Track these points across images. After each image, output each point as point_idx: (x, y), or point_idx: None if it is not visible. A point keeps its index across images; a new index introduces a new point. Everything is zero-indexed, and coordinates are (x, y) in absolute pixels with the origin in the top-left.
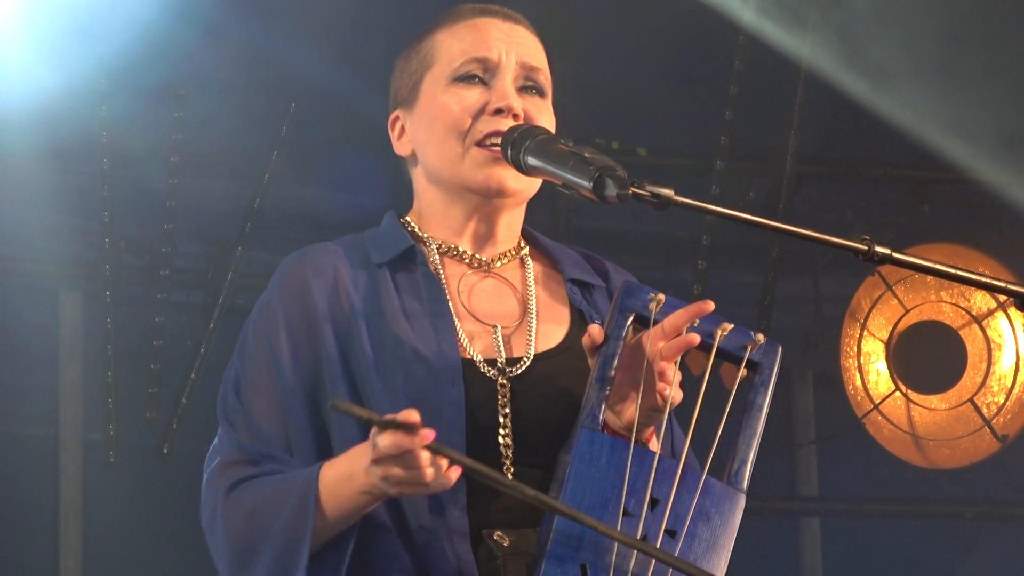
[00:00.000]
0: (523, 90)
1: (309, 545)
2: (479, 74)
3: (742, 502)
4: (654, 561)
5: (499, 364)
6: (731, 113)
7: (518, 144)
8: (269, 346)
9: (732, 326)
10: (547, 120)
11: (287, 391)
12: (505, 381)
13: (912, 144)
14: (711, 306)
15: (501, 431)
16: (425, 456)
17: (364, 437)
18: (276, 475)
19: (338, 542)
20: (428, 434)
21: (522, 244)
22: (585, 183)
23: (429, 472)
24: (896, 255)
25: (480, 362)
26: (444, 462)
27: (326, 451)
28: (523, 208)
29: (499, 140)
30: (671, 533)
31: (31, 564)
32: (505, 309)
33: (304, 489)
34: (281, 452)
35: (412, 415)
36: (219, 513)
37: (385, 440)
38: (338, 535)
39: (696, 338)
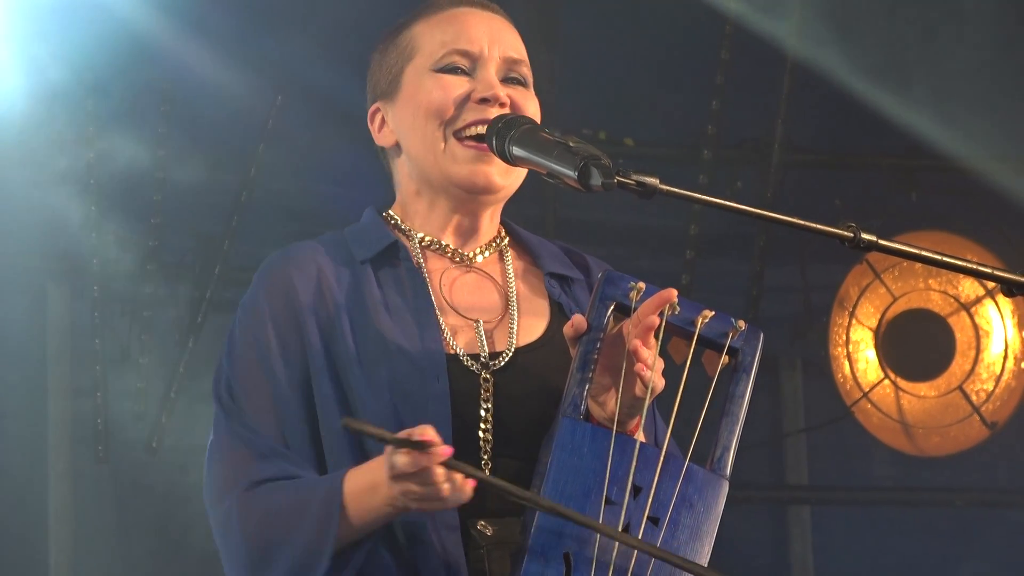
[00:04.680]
0: (507, 81)
1: (331, 554)
2: (462, 66)
3: (725, 488)
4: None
5: (482, 358)
6: (718, 103)
7: (503, 134)
8: (259, 346)
9: (713, 313)
10: (532, 107)
11: (279, 388)
12: (488, 375)
13: (899, 132)
14: (674, 294)
15: (482, 425)
16: (440, 472)
17: (349, 431)
18: (295, 480)
19: (355, 547)
20: (444, 451)
21: (502, 234)
22: (570, 172)
23: (445, 487)
24: (882, 242)
25: (463, 356)
26: (459, 476)
27: (320, 446)
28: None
29: (482, 131)
30: (654, 520)
31: (22, 560)
32: (487, 303)
33: (328, 498)
34: (284, 448)
35: (427, 432)
36: (235, 512)
37: (401, 459)
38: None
39: (655, 320)
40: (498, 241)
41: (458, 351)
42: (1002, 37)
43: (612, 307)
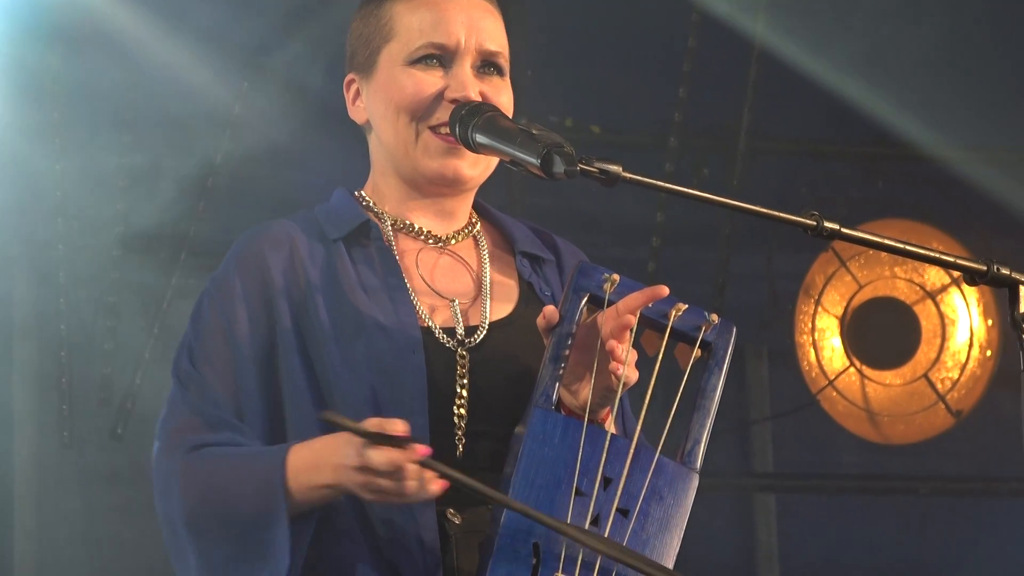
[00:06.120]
0: (483, 69)
1: (286, 524)
2: (437, 56)
3: (695, 482)
4: (607, 535)
5: (458, 335)
6: (684, 90)
7: (466, 122)
8: (225, 318)
9: (686, 307)
10: (506, 99)
11: (242, 362)
12: (464, 352)
13: (866, 121)
14: (665, 291)
15: (457, 401)
16: (413, 470)
17: (319, 407)
18: (238, 447)
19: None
20: (423, 450)
21: (474, 219)
22: (533, 160)
23: (412, 485)
24: (845, 230)
25: (438, 331)
26: (429, 475)
27: (277, 423)
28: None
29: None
30: (623, 512)
31: None
32: (460, 286)
33: (270, 470)
34: (236, 420)
35: (400, 426)
36: (175, 477)
37: (379, 457)
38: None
39: (632, 320)
40: (470, 228)
41: (433, 327)
42: (966, 27)
43: (585, 299)
